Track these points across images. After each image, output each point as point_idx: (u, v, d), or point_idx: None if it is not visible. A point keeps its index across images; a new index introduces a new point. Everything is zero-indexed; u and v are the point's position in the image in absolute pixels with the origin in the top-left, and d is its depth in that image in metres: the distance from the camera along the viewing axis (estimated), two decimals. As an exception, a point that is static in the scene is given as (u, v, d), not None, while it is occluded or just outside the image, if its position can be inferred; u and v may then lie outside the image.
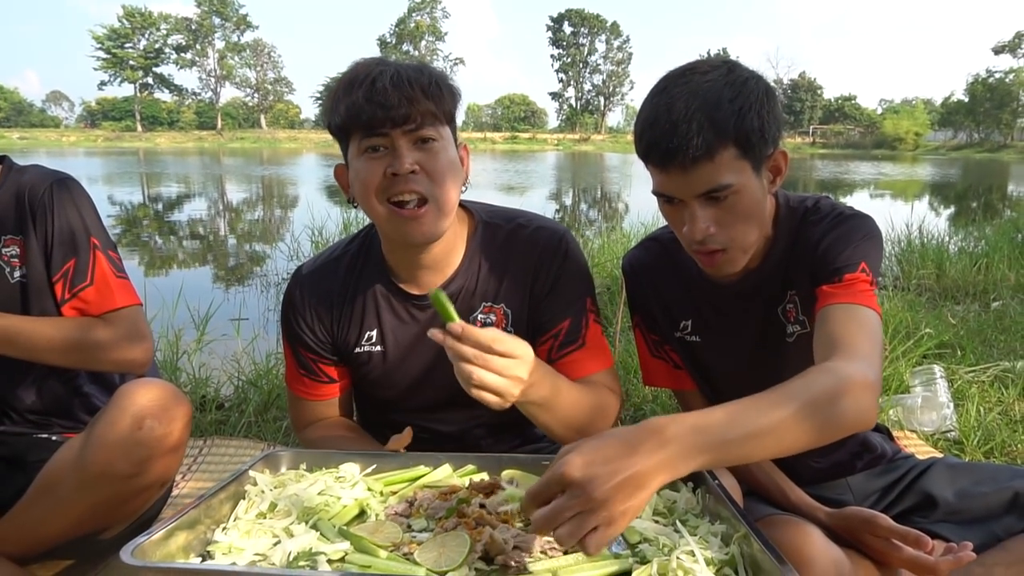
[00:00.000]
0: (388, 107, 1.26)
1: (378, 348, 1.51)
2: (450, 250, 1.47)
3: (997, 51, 72.83)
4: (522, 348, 1.12)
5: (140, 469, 1.33)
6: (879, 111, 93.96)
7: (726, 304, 1.49)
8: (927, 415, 2.75)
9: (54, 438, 1.58)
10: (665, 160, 1.23)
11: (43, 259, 1.51)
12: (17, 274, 1.49)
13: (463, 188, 1.42)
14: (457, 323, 1.08)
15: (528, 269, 1.48)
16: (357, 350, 1.52)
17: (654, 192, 1.32)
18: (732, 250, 1.31)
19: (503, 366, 1.09)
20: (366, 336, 1.51)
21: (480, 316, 1.49)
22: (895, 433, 1.74)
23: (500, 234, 1.51)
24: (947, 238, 6.92)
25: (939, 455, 1.84)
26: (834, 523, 1.37)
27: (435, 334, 1.08)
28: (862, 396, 1.07)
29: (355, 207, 1.44)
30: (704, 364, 1.55)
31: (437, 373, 1.50)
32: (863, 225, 1.36)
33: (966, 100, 71.88)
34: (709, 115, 1.19)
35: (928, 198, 17.71)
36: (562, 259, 1.49)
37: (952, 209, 14.51)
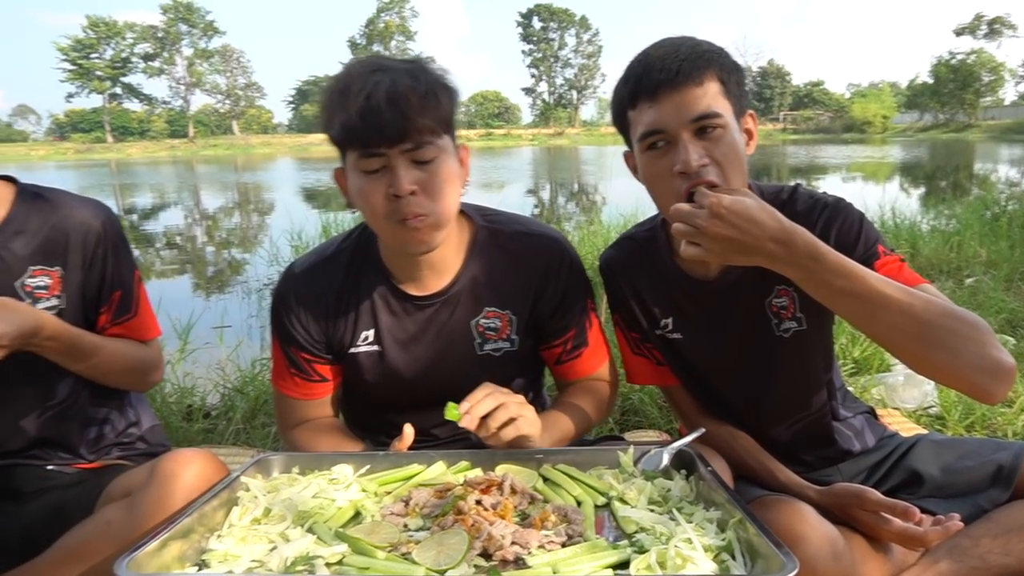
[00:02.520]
0: (383, 127, 1.24)
1: (375, 348, 1.50)
2: (450, 254, 1.47)
3: (958, 33, 73.70)
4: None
5: None
6: (847, 95, 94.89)
7: (706, 299, 1.49)
8: (909, 392, 2.79)
9: (49, 467, 1.55)
10: (657, 84, 1.27)
11: (90, 290, 1.51)
12: (43, 305, 1.45)
13: (463, 190, 1.42)
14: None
15: (533, 277, 1.50)
16: (353, 350, 1.51)
17: (641, 137, 1.32)
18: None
19: (518, 405, 1.28)
20: (362, 336, 1.50)
21: (483, 321, 1.50)
22: (879, 411, 1.77)
23: (502, 240, 1.51)
24: (919, 218, 7.01)
25: (923, 431, 1.86)
26: (824, 500, 1.39)
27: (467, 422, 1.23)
28: (1003, 359, 1.16)
29: (354, 213, 1.43)
30: (688, 361, 1.56)
31: (434, 371, 1.51)
32: (852, 209, 1.42)
33: (931, 82, 72.68)
34: (694, 47, 1.29)
35: (899, 179, 17.92)
36: (567, 268, 1.52)
37: (922, 189, 14.70)
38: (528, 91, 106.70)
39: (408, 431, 1.36)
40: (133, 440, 1.67)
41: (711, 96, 1.27)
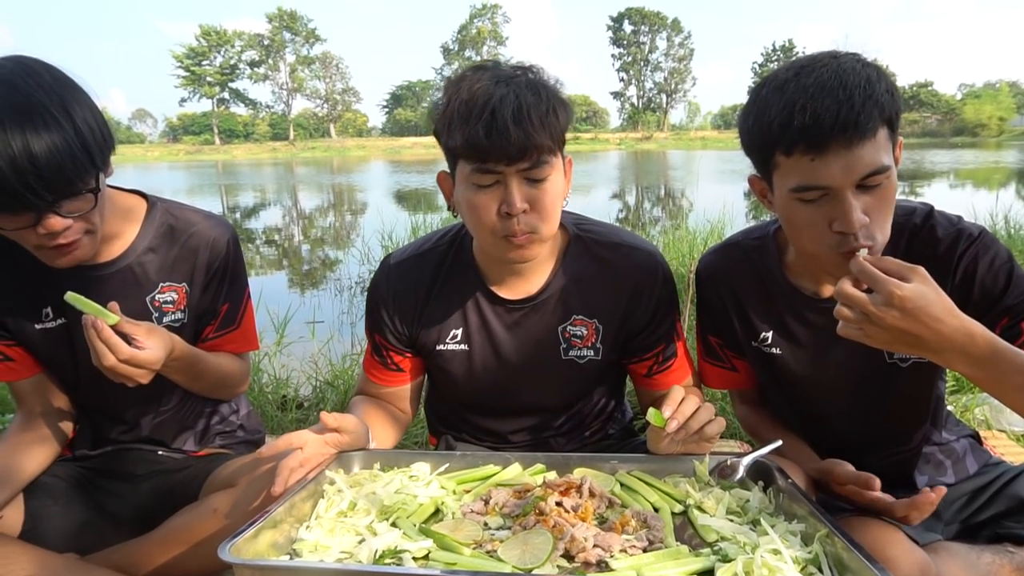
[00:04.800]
0: (506, 146, 1.23)
1: (463, 347, 1.53)
2: (542, 260, 1.48)
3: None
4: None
5: None
6: (958, 96, 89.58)
7: (816, 318, 1.41)
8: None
9: (160, 452, 1.67)
10: (828, 139, 1.12)
11: (205, 303, 1.59)
12: (167, 319, 1.54)
13: (564, 203, 1.43)
14: None
15: (625, 290, 1.50)
16: (440, 347, 1.54)
17: (797, 188, 1.19)
18: (876, 246, 1.19)
19: (709, 407, 1.26)
20: (451, 334, 1.53)
21: (571, 328, 1.51)
22: (983, 433, 1.66)
23: (596, 250, 1.51)
24: (1037, 227, 6.54)
25: (1032, 458, 1.75)
26: (816, 478, 1.38)
27: None
28: None
29: (456, 216, 1.45)
30: (784, 377, 1.50)
31: (518, 373, 1.53)
32: (999, 246, 1.29)
33: (1058, 81, 67.78)
34: (868, 92, 1.12)
35: (1015, 185, 16.75)
36: (661, 285, 1.51)
37: (1043, 197, 13.68)
38: (616, 95, 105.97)
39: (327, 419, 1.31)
40: (234, 429, 1.77)
41: (881, 148, 1.14)
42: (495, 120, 1.23)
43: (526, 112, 1.24)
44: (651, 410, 1.24)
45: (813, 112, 1.12)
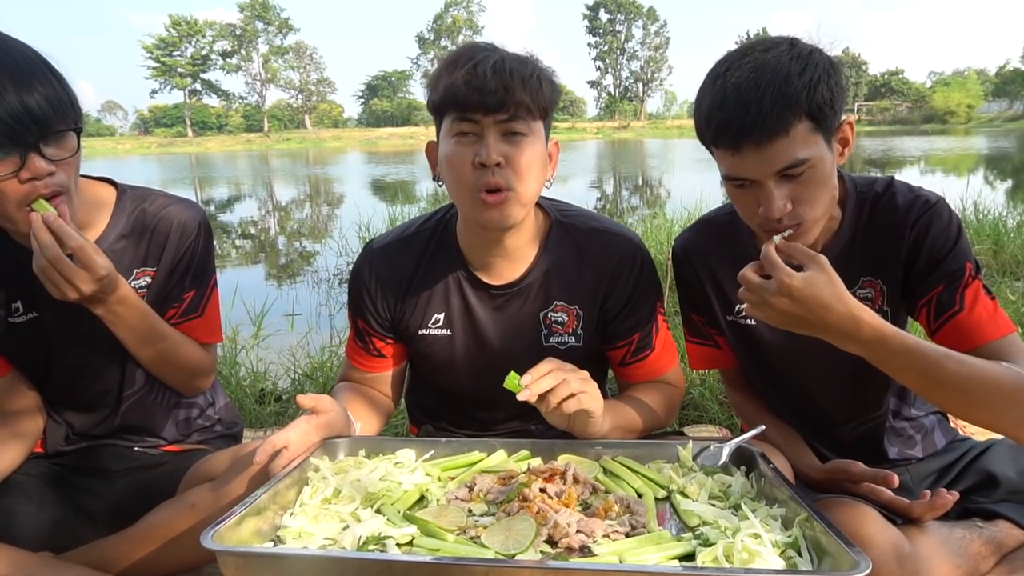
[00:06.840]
0: (484, 92, 1.28)
1: (445, 332, 1.54)
2: (524, 244, 1.49)
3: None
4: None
5: None
6: (928, 84, 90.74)
7: None
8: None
9: (136, 448, 1.65)
10: (739, 139, 1.19)
11: (170, 286, 1.57)
12: None
13: (548, 184, 1.44)
14: None
15: (604, 276, 1.51)
16: (422, 332, 1.55)
17: (725, 176, 1.27)
18: (806, 223, 1.26)
19: (580, 380, 1.28)
20: (432, 319, 1.54)
21: (552, 314, 1.52)
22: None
23: (577, 236, 1.53)
24: (1004, 212, 6.64)
25: (998, 436, 1.78)
26: (822, 478, 1.41)
27: None
28: None
29: (440, 185, 1.45)
30: (758, 348, 1.53)
31: (499, 359, 1.52)
32: (952, 215, 1.34)
33: (1023, 68, 68.92)
34: (780, 90, 1.16)
35: (983, 172, 17.02)
36: (638, 271, 1.53)
37: (1009, 183, 13.92)
38: (593, 84, 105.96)
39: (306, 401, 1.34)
40: (212, 423, 1.75)
41: (799, 143, 1.18)
42: (476, 69, 1.29)
43: (507, 68, 1.30)
44: (511, 373, 1.25)
45: (724, 116, 1.20)
